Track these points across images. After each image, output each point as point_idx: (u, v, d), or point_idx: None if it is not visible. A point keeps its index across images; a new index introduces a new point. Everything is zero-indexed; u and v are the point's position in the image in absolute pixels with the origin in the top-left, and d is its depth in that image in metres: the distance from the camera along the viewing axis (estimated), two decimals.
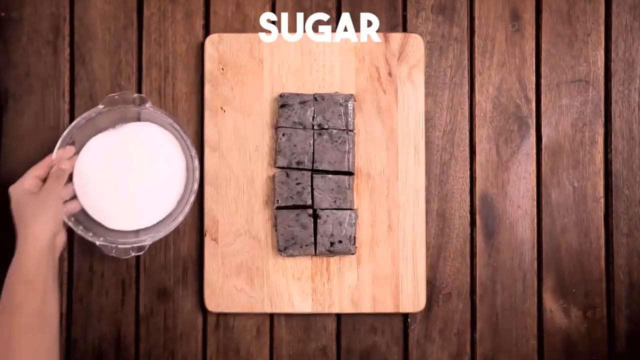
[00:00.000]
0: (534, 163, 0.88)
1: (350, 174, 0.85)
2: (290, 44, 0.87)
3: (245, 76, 0.87)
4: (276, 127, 0.85)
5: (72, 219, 0.80)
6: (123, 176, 0.82)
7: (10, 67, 0.88)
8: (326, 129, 0.84)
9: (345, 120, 0.84)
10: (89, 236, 0.80)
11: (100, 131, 0.83)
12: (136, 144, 0.83)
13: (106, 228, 0.83)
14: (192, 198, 0.81)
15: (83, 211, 0.83)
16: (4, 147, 0.88)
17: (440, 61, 0.88)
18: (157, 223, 0.84)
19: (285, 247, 0.83)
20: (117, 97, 0.80)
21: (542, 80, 0.88)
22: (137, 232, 0.83)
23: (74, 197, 0.82)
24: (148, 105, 0.81)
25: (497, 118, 0.88)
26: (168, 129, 0.83)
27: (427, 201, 0.87)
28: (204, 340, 0.87)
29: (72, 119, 0.88)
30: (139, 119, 0.84)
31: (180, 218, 0.81)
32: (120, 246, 0.80)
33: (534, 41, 0.89)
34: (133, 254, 0.80)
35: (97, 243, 0.79)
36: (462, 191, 0.88)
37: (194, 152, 0.81)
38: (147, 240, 0.80)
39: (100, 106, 0.81)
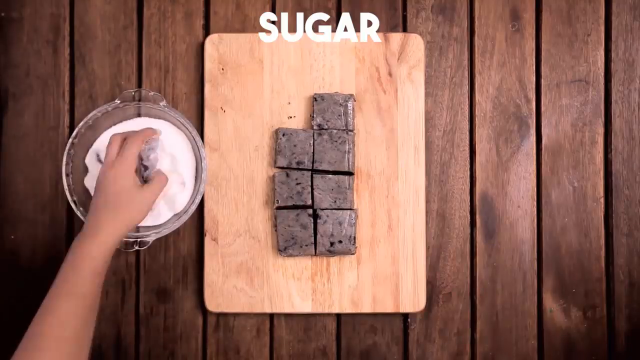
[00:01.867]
0: (534, 163, 0.88)
1: (350, 174, 0.85)
2: (290, 44, 0.87)
3: (245, 76, 0.87)
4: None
5: (81, 209, 0.81)
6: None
7: (10, 67, 0.88)
8: (326, 129, 0.84)
9: (345, 120, 0.84)
10: None
11: (105, 129, 0.85)
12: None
13: None
14: (199, 198, 0.82)
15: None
16: (4, 147, 0.88)
17: (440, 61, 0.88)
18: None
19: (285, 247, 0.83)
20: (133, 93, 0.82)
21: (542, 80, 0.88)
22: (141, 228, 0.84)
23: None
24: (162, 103, 0.82)
25: (497, 118, 0.88)
26: (180, 128, 0.84)
27: (427, 201, 0.87)
28: (204, 340, 0.87)
29: (72, 119, 0.88)
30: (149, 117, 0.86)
31: (185, 217, 0.81)
32: (124, 239, 0.80)
33: (534, 41, 0.89)
34: (136, 247, 0.80)
35: None
36: (462, 191, 0.88)
37: (204, 154, 0.82)
38: (152, 236, 0.80)
39: (117, 101, 0.81)
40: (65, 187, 0.81)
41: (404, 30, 0.89)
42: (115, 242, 0.72)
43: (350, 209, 0.84)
